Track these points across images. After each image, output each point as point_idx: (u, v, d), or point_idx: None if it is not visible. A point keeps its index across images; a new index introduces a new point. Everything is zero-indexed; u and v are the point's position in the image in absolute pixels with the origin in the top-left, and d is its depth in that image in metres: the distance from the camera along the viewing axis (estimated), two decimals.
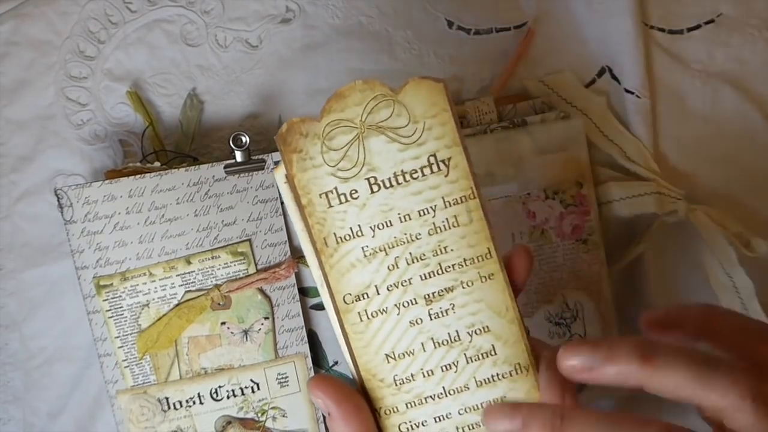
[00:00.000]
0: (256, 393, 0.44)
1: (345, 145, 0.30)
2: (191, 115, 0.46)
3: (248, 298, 0.43)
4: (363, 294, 0.30)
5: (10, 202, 0.46)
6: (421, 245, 0.30)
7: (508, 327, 0.30)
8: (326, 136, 0.29)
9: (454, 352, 0.30)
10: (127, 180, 0.41)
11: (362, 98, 0.29)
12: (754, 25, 0.49)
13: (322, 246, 0.30)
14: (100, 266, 0.42)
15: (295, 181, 0.30)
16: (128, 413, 0.43)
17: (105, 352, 0.43)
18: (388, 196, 0.30)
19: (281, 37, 0.47)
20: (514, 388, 0.30)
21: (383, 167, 0.30)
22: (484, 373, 0.30)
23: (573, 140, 0.46)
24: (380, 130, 0.30)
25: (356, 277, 0.30)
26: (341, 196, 0.30)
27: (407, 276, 0.30)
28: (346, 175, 0.30)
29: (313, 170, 0.30)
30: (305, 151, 0.30)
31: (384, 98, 0.29)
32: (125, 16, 0.46)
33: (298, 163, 0.30)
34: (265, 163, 0.43)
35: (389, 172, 0.30)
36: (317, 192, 0.30)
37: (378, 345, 0.30)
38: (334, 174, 0.30)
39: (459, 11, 0.47)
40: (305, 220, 0.30)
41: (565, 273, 0.47)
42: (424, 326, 0.30)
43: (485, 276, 0.30)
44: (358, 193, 0.30)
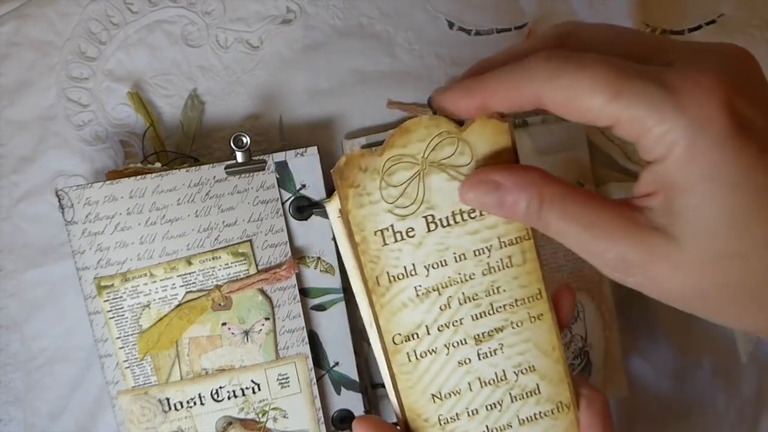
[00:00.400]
0: (256, 394, 0.43)
1: (405, 182, 0.29)
2: (192, 115, 0.46)
3: (249, 299, 0.43)
4: (413, 334, 0.29)
5: (11, 203, 0.46)
6: (474, 285, 0.30)
7: (553, 366, 0.30)
8: (386, 172, 0.28)
9: (499, 392, 0.30)
10: (128, 181, 0.41)
11: (427, 134, 0.28)
12: (755, 26, 0.49)
13: (374, 285, 0.29)
14: (101, 267, 0.42)
15: (350, 218, 0.28)
16: (129, 414, 0.43)
17: (106, 353, 0.43)
18: (445, 235, 0.29)
19: (282, 37, 0.47)
20: (555, 425, 0.30)
21: (442, 205, 0.29)
22: (527, 411, 0.30)
23: (574, 141, 0.46)
24: (442, 167, 0.29)
25: (407, 317, 0.29)
26: (397, 234, 0.29)
27: (459, 316, 0.30)
28: (404, 212, 0.29)
29: (370, 206, 0.29)
30: (363, 186, 0.28)
31: (449, 135, 0.28)
32: (126, 17, 0.46)
33: (354, 198, 0.28)
34: (265, 164, 0.43)
35: (447, 211, 0.29)
36: (372, 229, 0.29)
37: (425, 385, 0.30)
38: (392, 211, 0.29)
39: (460, 12, 0.47)
40: (358, 258, 0.29)
41: (565, 273, 0.47)
42: (473, 366, 0.30)
43: (535, 316, 0.30)
44: (415, 231, 0.29)
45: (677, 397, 0.49)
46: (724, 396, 0.49)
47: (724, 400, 0.49)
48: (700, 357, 0.49)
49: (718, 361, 0.49)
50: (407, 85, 0.47)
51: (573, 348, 0.47)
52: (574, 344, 0.47)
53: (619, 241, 0.25)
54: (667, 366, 0.49)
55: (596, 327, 0.47)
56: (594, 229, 0.26)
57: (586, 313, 0.47)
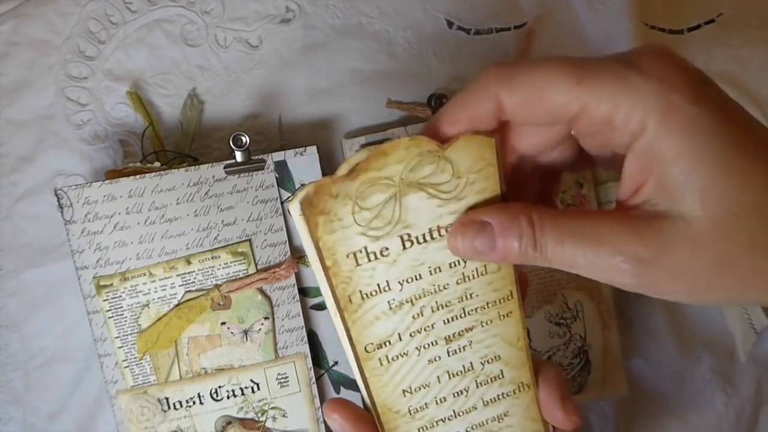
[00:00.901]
0: (256, 393, 0.43)
1: (379, 204, 0.27)
2: (191, 115, 0.46)
3: (248, 298, 0.43)
4: (385, 342, 0.29)
5: (10, 203, 0.46)
6: (447, 294, 0.29)
7: (517, 354, 0.31)
8: (359, 196, 0.27)
9: (466, 380, 0.30)
10: (127, 180, 0.41)
11: (406, 155, 0.27)
12: (755, 25, 0.49)
13: (346, 303, 0.28)
14: (100, 266, 0.42)
15: (320, 244, 0.27)
16: (128, 413, 0.43)
17: (105, 353, 0.43)
18: (421, 252, 0.28)
19: (281, 37, 0.47)
20: (517, 403, 0.31)
21: (419, 224, 0.28)
22: (490, 394, 0.31)
23: None
24: (420, 186, 0.28)
25: (380, 329, 0.29)
26: (370, 255, 0.28)
27: (431, 322, 0.29)
28: (378, 234, 0.28)
29: (342, 231, 0.27)
30: (334, 212, 0.27)
31: (429, 155, 0.27)
32: (125, 17, 0.46)
33: (324, 225, 0.27)
34: (265, 163, 0.43)
35: (424, 228, 0.28)
36: (344, 252, 0.28)
37: (396, 383, 0.30)
38: (365, 233, 0.28)
39: (459, 11, 0.47)
40: (329, 280, 0.28)
41: (565, 273, 0.47)
42: (442, 362, 0.30)
43: (504, 314, 0.30)
44: (390, 250, 0.28)
45: (676, 396, 0.49)
46: (723, 395, 0.49)
47: (723, 399, 0.49)
48: (699, 356, 0.49)
49: (717, 361, 0.49)
50: (406, 85, 0.47)
51: (572, 347, 0.47)
52: (573, 344, 0.47)
53: (626, 242, 0.24)
54: (667, 365, 0.49)
55: (595, 326, 0.47)
56: (595, 240, 0.24)
57: (585, 312, 0.47)
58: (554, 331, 0.47)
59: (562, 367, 0.47)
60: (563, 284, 0.46)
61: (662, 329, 0.49)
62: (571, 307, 0.47)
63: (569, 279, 0.47)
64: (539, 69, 0.24)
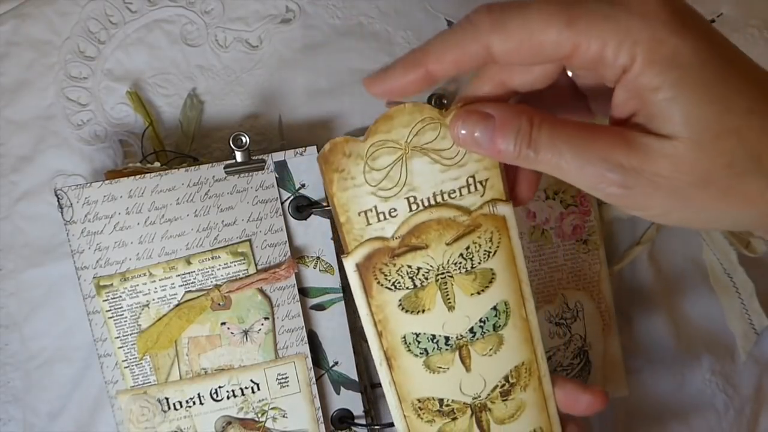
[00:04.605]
0: (256, 393, 0.43)
1: (388, 166, 0.30)
2: (191, 115, 0.46)
3: (248, 299, 0.43)
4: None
5: (10, 203, 0.46)
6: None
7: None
8: (370, 156, 0.29)
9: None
10: (127, 180, 0.41)
11: (410, 120, 0.29)
12: (755, 25, 0.49)
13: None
14: (100, 266, 0.42)
15: (335, 200, 0.30)
16: (128, 413, 0.43)
17: (105, 353, 0.43)
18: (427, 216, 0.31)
19: (281, 37, 0.47)
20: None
21: (423, 187, 0.30)
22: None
23: None
24: (424, 151, 0.30)
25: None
26: (380, 215, 0.30)
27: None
28: (387, 194, 0.30)
29: (354, 189, 0.30)
30: (347, 170, 0.30)
31: (431, 121, 0.29)
32: (125, 17, 0.46)
33: (338, 182, 0.30)
34: (265, 163, 0.43)
35: (429, 192, 0.30)
36: (356, 210, 0.30)
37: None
38: (375, 193, 0.30)
39: (459, 11, 0.47)
40: (342, 237, 0.31)
41: (565, 273, 0.47)
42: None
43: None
44: (397, 211, 0.30)
45: (676, 396, 0.49)
46: (723, 395, 0.49)
47: (723, 399, 0.49)
48: (699, 356, 0.49)
49: (717, 361, 0.49)
50: None
51: (572, 347, 0.47)
52: (573, 344, 0.47)
53: (614, 150, 0.25)
54: (667, 365, 0.49)
55: (595, 326, 0.47)
56: (586, 147, 0.26)
57: (586, 312, 0.47)
58: (554, 331, 0.47)
59: (562, 367, 0.47)
60: (563, 284, 0.46)
61: (662, 329, 0.49)
62: (571, 307, 0.47)
63: (569, 279, 0.47)
64: (528, 12, 0.25)
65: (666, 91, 0.24)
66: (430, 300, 0.32)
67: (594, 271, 0.47)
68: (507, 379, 0.33)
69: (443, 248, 0.31)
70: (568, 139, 0.26)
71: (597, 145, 0.26)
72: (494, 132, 0.27)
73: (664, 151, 0.25)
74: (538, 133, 0.26)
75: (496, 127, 0.27)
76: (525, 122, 0.26)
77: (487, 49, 0.26)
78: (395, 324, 0.32)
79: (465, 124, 0.28)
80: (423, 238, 0.31)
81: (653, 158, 0.25)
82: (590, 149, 0.26)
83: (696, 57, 0.24)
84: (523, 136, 0.26)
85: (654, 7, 0.24)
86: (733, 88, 0.24)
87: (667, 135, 0.25)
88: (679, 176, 0.25)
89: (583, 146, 0.26)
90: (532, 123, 0.26)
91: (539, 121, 0.26)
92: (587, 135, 0.26)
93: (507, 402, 0.33)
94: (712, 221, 0.27)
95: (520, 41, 0.25)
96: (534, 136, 0.26)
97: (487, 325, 0.32)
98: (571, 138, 0.26)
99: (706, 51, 0.24)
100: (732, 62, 0.25)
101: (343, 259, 0.31)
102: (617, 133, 0.26)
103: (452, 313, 0.32)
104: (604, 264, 0.47)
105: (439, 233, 0.31)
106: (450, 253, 0.31)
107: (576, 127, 0.26)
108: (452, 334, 0.32)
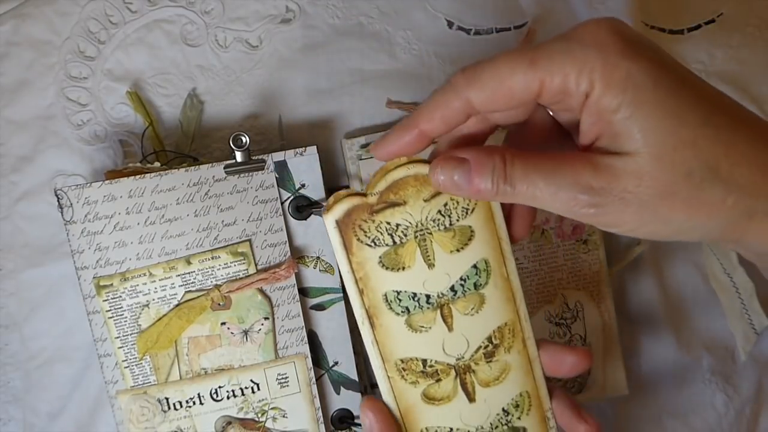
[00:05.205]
0: (256, 393, 0.43)
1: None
2: (191, 115, 0.46)
3: (248, 299, 0.43)
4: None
5: (10, 203, 0.46)
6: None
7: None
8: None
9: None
10: (127, 180, 0.41)
11: (418, 206, 0.32)
12: (755, 25, 0.49)
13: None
14: (100, 266, 0.42)
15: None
16: (128, 413, 0.43)
17: (105, 353, 0.43)
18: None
19: (281, 37, 0.47)
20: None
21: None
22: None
23: None
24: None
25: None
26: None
27: None
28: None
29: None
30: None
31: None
32: (125, 17, 0.46)
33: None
34: (265, 163, 0.43)
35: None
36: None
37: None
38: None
39: (459, 11, 0.47)
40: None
41: (565, 273, 0.47)
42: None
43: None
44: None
45: (676, 396, 0.49)
46: (723, 395, 0.49)
47: (723, 399, 0.49)
48: (699, 356, 0.49)
49: (717, 361, 0.49)
50: (407, 85, 0.47)
51: None
52: (573, 344, 0.47)
53: (583, 173, 0.27)
54: (667, 365, 0.49)
55: (596, 326, 0.47)
56: (557, 173, 0.28)
57: (586, 312, 0.47)
58: (554, 331, 0.47)
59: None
60: (563, 284, 0.47)
61: (662, 329, 0.49)
62: (571, 307, 0.47)
63: (569, 279, 0.47)
64: (497, 64, 0.28)
65: (624, 110, 0.26)
66: (409, 257, 0.32)
67: (594, 271, 0.47)
68: (490, 339, 0.33)
69: (421, 204, 0.32)
70: (539, 169, 0.28)
71: (566, 171, 0.27)
72: (471, 173, 0.29)
73: (628, 167, 0.27)
74: (511, 168, 0.28)
75: (472, 169, 0.29)
76: (498, 160, 0.28)
77: (468, 103, 0.29)
78: (376, 281, 0.32)
79: (443, 170, 0.30)
80: (401, 194, 0.31)
81: (618, 176, 0.27)
82: (561, 175, 0.27)
83: (648, 77, 0.26)
84: (498, 173, 0.28)
85: (606, 37, 0.27)
86: (686, 103, 0.26)
87: (629, 152, 0.27)
88: (644, 189, 0.27)
89: (554, 173, 0.28)
90: (505, 160, 0.28)
91: (511, 156, 0.28)
92: (557, 163, 0.28)
93: (491, 364, 0.33)
94: (682, 232, 0.28)
95: (492, 90, 0.28)
96: (509, 172, 0.28)
97: (467, 284, 0.32)
98: (542, 167, 0.28)
99: (658, 71, 0.26)
100: (683, 81, 0.27)
101: (323, 215, 0.32)
102: (584, 158, 0.28)
103: (432, 270, 0.32)
104: (604, 264, 0.47)
105: (417, 189, 0.31)
106: (428, 209, 0.32)
107: (545, 158, 0.28)
108: (433, 293, 0.32)
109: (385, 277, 0.32)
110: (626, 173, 0.27)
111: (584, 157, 0.28)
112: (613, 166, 0.27)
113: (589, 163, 0.27)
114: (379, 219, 0.32)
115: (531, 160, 0.28)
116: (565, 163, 0.28)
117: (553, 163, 0.28)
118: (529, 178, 0.28)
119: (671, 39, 0.48)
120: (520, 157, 0.28)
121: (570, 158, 0.28)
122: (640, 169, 0.26)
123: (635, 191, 0.27)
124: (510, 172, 0.28)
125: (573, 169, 0.27)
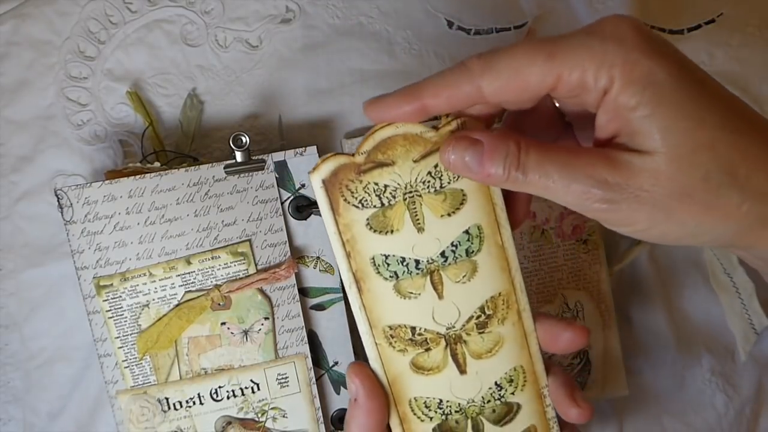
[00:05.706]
0: (256, 393, 0.43)
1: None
2: (191, 115, 0.46)
3: (248, 299, 0.43)
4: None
5: (10, 203, 0.46)
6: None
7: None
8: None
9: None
10: (127, 180, 0.41)
11: (408, 167, 0.31)
12: (755, 25, 0.49)
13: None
14: (100, 266, 0.42)
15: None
16: (128, 413, 0.43)
17: (105, 353, 0.43)
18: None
19: (281, 37, 0.47)
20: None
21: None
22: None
23: None
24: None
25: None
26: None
27: None
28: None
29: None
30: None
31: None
32: (125, 17, 0.46)
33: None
34: (265, 163, 0.43)
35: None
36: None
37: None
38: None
39: (459, 11, 0.47)
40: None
41: (565, 273, 0.47)
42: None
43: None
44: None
45: (676, 396, 0.49)
46: (723, 395, 0.49)
47: (723, 399, 0.49)
48: (699, 356, 0.49)
49: (717, 361, 0.49)
50: None
51: None
52: None
53: (599, 167, 0.27)
54: (667, 365, 0.49)
55: (596, 326, 0.47)
56: (572, 166, 0.27)
57: (586, 312, 0.47)
58: None
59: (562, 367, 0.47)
60: (563, 284, 0.47)
61: (662, 329, 0.49)
62: (571, 307, 0.47)
63: (569, 279, 0.47)
64: (514, 54, 0.27)
65: (643, 108, 0.26)
66: (398, 220, 0.31)
67: (594, 271, 0.47)
68: (483, 309, 0.32)
69: (410, 165, 0.30)
70: (554, 160, 0.27)
71: (582, 164, 0.27)
72: (483, 156, 0.28)
73: (645, 165, 0.26)
74: (526, 156, 0.28)
75: (485, 152, 0.28)
76: (513, 146, 0.28)
77: (479, 90, 0.28)
78: (363, 244, 0.31)
79: (455, 150, 0.29)
80: (389, 153, 0.30)
81: (635, 173, 0.26)
82: (576, 168, 0.27)
83: (669, 77, 0.26)
84: (511, 160, 0.28)
85: (627, 33, 0.26)
86: (705, 105, 0.26)
87: (647, 150, 0.26)
88: (660, 189, 0.26)
89: (569, 166, 0.27)
90: (520, 146, 0.28)
91: (526, 144, 0.28)
92: (573, 156, 0.27)
93: (484, 335, 0.32)
94: (693, 236, 0.28)
95: (507, 80, 0.27)
96: (522, 159, 0.28)
97: (459, 250, 0.31)
98: (558, 159, 0.27)
99: (678, 72, 0.26)
100: (702, 83, 0.27)
101: (310, 175, 0.31)
102: (601, 153, 0.27)
103: (422, 234, 0.31)
104: (604, 264, 0.47)
105: (406, 149, 0.30)
106: (418, 170, 0.31)
107: (561, 150, 0.28)
108: (422, 258, 0.31)
109: (373, 240, 0.31)
110: (643, 171, 0.26)
111: (600, 152, 0.27)
112: (630, 163, 0.26)
113: (606, 158, 0.27)
114: (366, 179, 0.30)
115: (546, 150, 0.28)
116: (580, 156, 0.27)
117: (568, 155, 0.27)
118: (543, 167, 0.27)
119: (671, 39, 0.48)
120: (536, 145, 0.28)
121: (586, 152, 0.27)
122: (657, 168, 0.26)
123: (651, 190, 0.26)
124: (524, 159, 0.28)
125: (589, 163, 0.27)
